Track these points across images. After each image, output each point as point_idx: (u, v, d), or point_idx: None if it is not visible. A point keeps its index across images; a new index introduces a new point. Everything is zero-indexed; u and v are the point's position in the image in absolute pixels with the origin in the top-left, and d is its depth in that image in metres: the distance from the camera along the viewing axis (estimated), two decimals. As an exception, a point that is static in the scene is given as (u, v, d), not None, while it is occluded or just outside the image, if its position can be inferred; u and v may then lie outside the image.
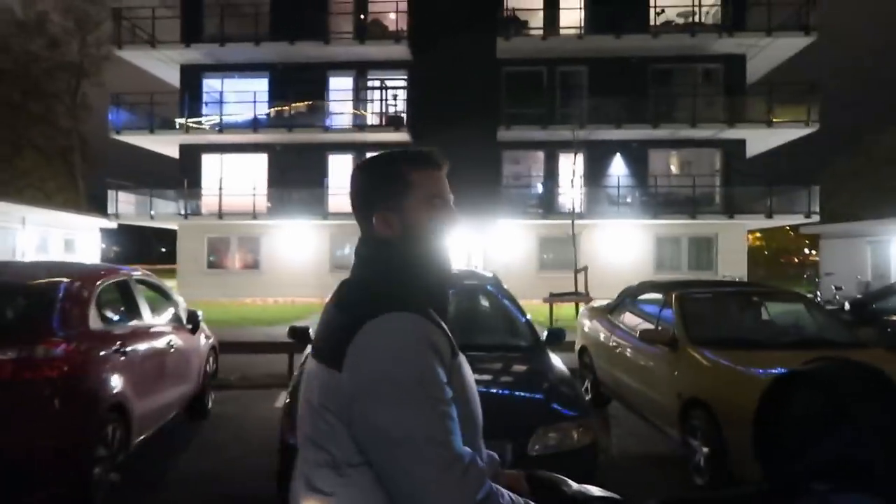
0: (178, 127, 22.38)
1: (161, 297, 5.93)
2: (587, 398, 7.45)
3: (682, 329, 5.38)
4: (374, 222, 1.32)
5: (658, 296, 6.13)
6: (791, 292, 6.09)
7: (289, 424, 3.59)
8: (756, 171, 25.31)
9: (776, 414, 1.52)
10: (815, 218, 21.34)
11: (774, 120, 20.85)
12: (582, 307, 8.10)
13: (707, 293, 6.01)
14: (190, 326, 5.92)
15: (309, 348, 1.39)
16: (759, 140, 22.21)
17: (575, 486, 1.40)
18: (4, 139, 44.56)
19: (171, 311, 5.76)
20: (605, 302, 7.99)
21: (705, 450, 4.65)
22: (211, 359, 6.61)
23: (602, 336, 6.90)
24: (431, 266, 1.32)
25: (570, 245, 22.61)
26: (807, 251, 57.34)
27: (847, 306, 6.93)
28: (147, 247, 71.79)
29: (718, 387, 4.64)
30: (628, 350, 6.12)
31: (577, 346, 7.74)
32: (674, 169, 23.01)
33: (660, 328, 5.70)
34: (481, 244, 22.49)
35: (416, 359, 1.13)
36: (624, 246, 22.27)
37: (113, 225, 27.84)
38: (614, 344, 6.46)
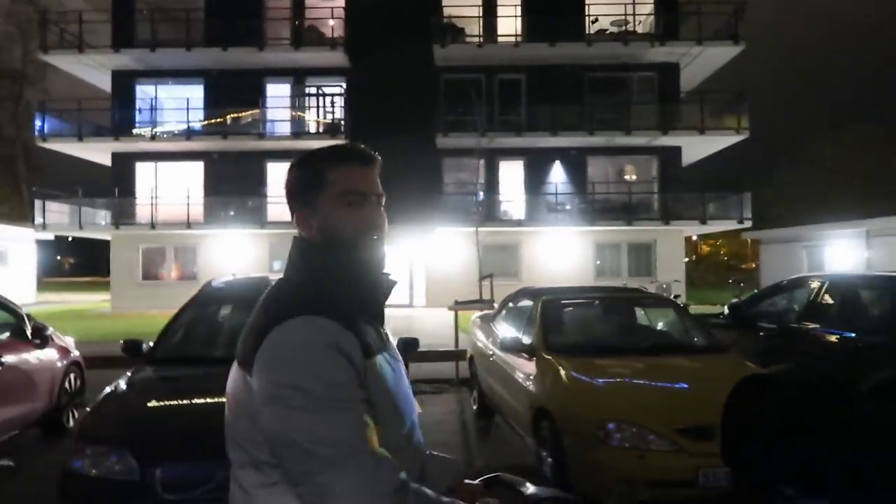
0: (115, 137, 21.78)
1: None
2: (473, 408, 7.35)
3: (539, 336, 5.30)
4: (295, 221, 1.33)
5: (530, 303, 6.05)
6: (661, 298, 6.08)
7: None
8: (694, 177, 25.81)
9: (742, 418, 1.60)
10: (748, 223, 21.76)
11: (706, 128, 21.18)
12: (474, 315, 7.98)
13: (574, 300, 5.95)
14: (37, 341, 5.63)
15: None
16: (694, 147, 22.58)
17: (532, 487, 1.41)
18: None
19: (7, 325, 5.46)
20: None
21: (549, 460, 4.56)
22: (72, 375, 6.30)
23: (481, 344, 6.80)
24: (348, 266, 1.28)
25: (513, 252, 22.85)
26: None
27: (726, 311, 6.95)
28: (101, 258, 69.65)
29: (558, 395, 4.56)
30: (499, 359, 6.02)
31: (468, 356, 7.63)
32: (612, 176, 23.24)
33: (524, 336, 5.61)
34: (421, 252, 22.38)
35: (322, 364, 1.11)
36: (564, 253, 22.38)
37: (49, 236, 27.02)
38: (490, 352, 6.36)
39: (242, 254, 22.39)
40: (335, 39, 22.14)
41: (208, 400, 3.73)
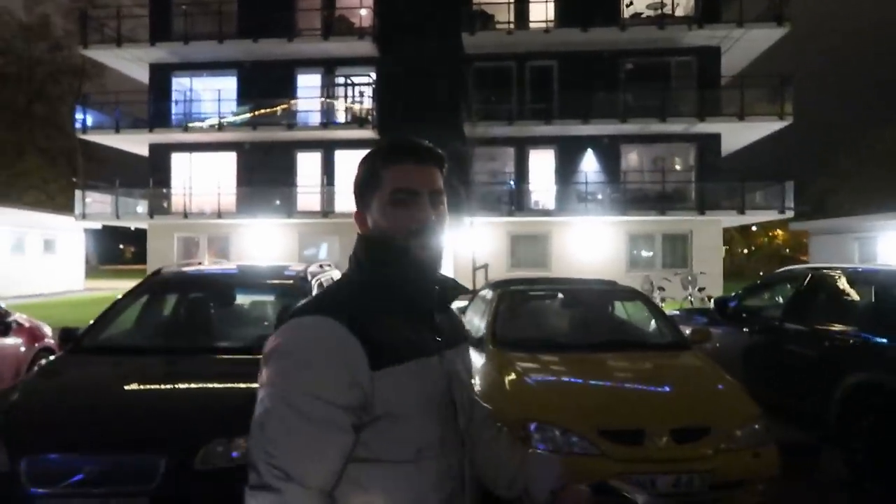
0: (150, 129, 22.32)
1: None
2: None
3: (490, 330, 5.05)
4: (354, 219, 1.32)
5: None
6: (629, 290, 5.72)
7: None
8: (739, 166, 24.78)
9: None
10: (790, 213, 20.73)
11: (746, 114, 20.24)
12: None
13: (534, 292, 5.65)
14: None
15: None
16: (735, 134, 21.62)
17: (642, 496, 1.38)
18: (8, 142, 45.17)
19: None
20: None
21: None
22: (42, 361, 6.38)
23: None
24: (393, 266, 1.24)
25: (544, 242, 22.42)
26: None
27: (712, 304, 6.52)
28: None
29: (493, 393, 4.31)
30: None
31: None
32: (647, 164, 22.48)
33: (479, 329, 5.37)
34: (450, 242, 22.16)
35: (306, 368, 1.08)
36: (596, 243, 21.82)
37: (96, 225, 27.98)
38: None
39: (273, 243, 22.66)
40: (364, 29, 22.06)
41: (107, 392, 3.65)
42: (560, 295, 5.58)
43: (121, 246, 78.93)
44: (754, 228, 49.73)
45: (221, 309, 5.00)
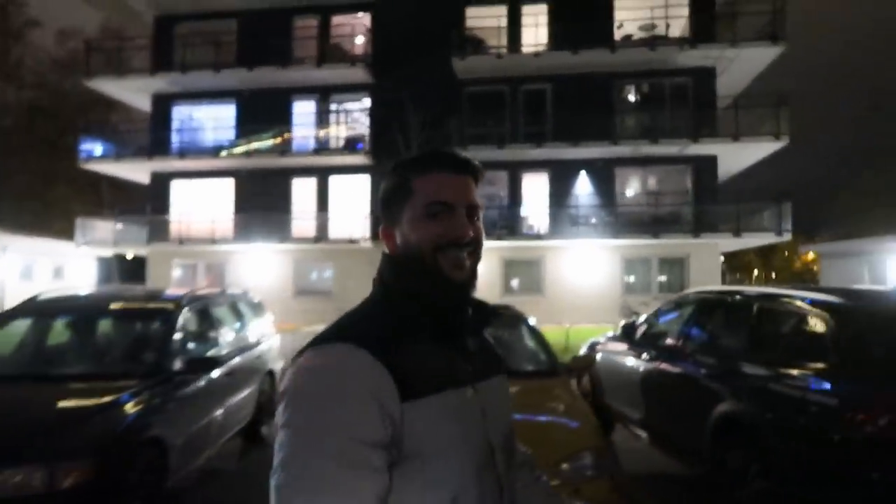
0: (148, 157, 22.79)
1: None
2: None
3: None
4: (381, 235, 1.23)
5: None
6: (512, 315, 5.49)
7: None
8: (742, 188, 24.25)
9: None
10: (787, 236, 20.13)
11: (741, 134, 19.84)
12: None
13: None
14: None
15: None
16: (733, 156, 21.16)
17: None
18: (39, 173, 46.71)
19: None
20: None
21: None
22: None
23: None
24: (422, 287, 1.14)
25: (537, 267, 22.14)
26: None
27: (619, 330, 6.27)
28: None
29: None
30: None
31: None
32: (642, 187, 22.15)
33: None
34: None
35: (330, 402, 0.96)
36: (590, 267, 21.48)
37: (107, 252, 28.55)
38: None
39: (269, 269, 22.79)
40: (357, 56, 22.34)
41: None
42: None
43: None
44: (783, 251, 48.62)
45: (82, 334, 4.95)
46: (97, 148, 24.67)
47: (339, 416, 0.94)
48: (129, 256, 30.01)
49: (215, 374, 5.02)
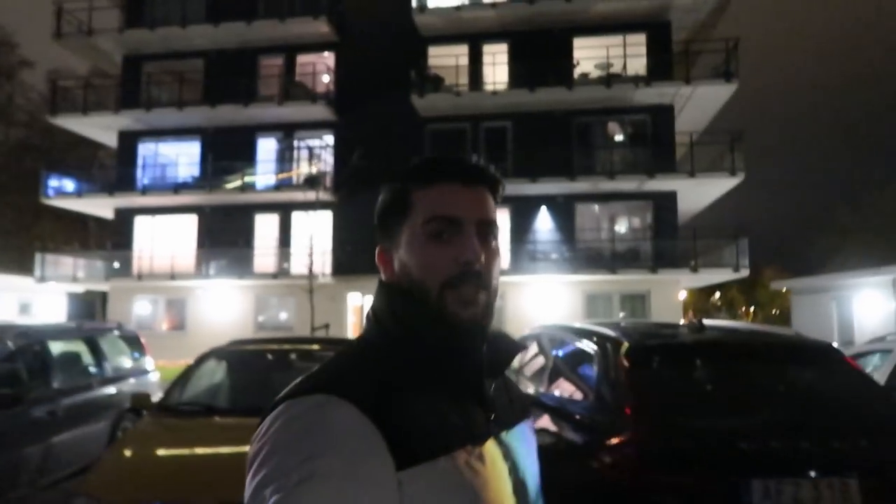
0: (110, 193, 22.88)
1: None
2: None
3: (165, 392, 4.77)
4: (376, 258, 1.04)
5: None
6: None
7: None
8: (705, 224, 24.31)
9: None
10: (745, 272, 20.06)
11: (697, 171, 19.95)
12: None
13: (238, 351, 5.35)
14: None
15: None
16: (690, 192, 21.24)
17: None
18: (28, 208, 46.94)
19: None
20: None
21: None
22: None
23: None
24: (422, 326, 0.94)
25: (499, 302, 22.00)
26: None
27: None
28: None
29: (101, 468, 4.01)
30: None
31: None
32: (602, 224, 22.16)
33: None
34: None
35: (306, 469, 0.75)
36: (552, 303, 21.35)
37: (79, 289, 28.42)
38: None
39: (230, 305, 22.66)
40: (320, 94, 22.58)
41: None
42: (270, 356, 5.29)
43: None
44: (765, 287, 48.48)
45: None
46: (68, 184, 24.85)
47: (317, 492, 0.75)
48: (82, 291, 29.80)
49: (38, 411, 4.89)
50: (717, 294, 53.47)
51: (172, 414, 4.34)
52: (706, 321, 3.81)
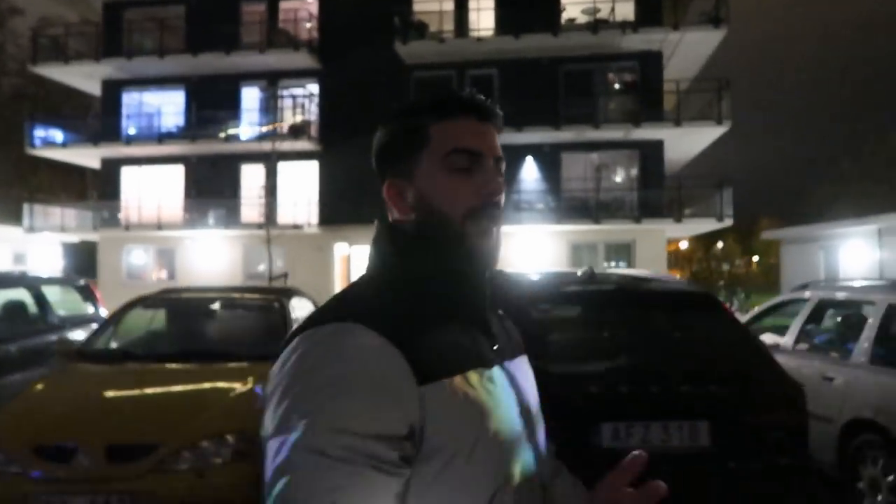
0: (95, 143, 22.78)
1: None
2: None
3: (88, 338, 4.90)
4: (384, 193, 1.03)
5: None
6: (277, 297, 5.46)
7: None
8: (696, 173, 24.16)
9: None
10: (728, 222, 20.02)
11: (682, 119, 19.70)
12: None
13: (177, 298, 5.39)
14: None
15: None
16: (677, 141, 21.02)
17: None
18: (24, 160, 46.87)
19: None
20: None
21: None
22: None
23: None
24: (444, 258, 0.98)
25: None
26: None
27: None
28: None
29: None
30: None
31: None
32: (588, 173, 21.99)
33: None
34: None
35: (332, 397, 0.79)
36: (537, 253, 21.41)
37: (73, 239, 28.62)
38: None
39: (218, 255, 22.82)
40: (302, 41, 22.20)
41: None
42: (196, 305, 5.37)
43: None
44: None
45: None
46: (57, 135, 24.73)
47: (345, 408, 0.78)
48: (77, 241, 29.98)
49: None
50: (720, 244, 53.55)
51: (88, 360, 4.47)
52: (629, 272, 3.85)
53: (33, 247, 29.23)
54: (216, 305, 5.33)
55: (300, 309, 5.43)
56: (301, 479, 0.75)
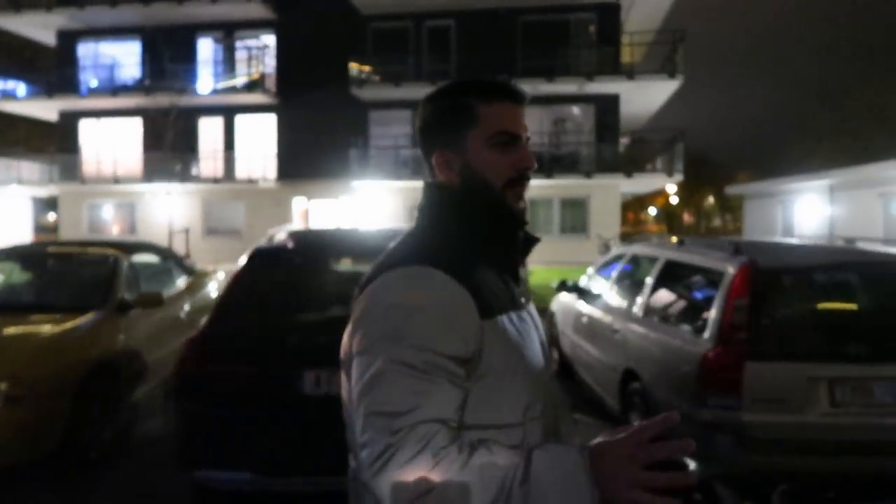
0: (49, 95, 22.57)
1: None
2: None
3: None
4: (433, 163, 1.20)
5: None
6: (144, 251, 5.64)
7: None
8: (658, 128, 24.09)
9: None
10: (678, 177, 20.09)
11: (635, 72, 19.57)
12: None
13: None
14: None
15: None
16: (633, 95, 20.89)
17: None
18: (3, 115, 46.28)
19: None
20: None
21: None
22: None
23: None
24: (486, 217, 1.16)
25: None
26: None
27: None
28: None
29: None
30: None
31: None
32: (545, 127, 21.92)
33: None
34: (339, 206, 22.18)
35: (417, 322, 0.98)
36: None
37: (42, 193, 28.52)
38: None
39: (178, 210, 22.86)
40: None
41: None
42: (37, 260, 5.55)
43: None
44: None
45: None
46: (20, 88, 24.48)
47: (424, 331, 0.97)
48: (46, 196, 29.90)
49: None
50: (711, 200, 53.47)
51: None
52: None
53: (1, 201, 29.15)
54: (51, 260, 5.51)
55: (145, 266, 5.63)
56: (392, 384, 0.94)
